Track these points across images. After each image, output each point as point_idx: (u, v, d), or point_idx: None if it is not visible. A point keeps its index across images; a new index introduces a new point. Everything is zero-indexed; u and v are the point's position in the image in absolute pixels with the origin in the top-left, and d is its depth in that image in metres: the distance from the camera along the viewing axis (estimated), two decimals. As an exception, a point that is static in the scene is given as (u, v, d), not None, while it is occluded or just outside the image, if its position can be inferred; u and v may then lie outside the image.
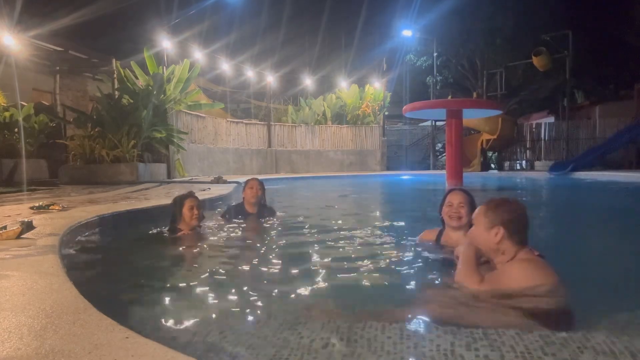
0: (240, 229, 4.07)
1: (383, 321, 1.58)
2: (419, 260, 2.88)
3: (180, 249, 3.42)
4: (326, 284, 2.47)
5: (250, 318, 1.88)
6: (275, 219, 4.46)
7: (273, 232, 3.97)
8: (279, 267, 2.81)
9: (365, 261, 2.90)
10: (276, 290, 2.33)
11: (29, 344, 1.20)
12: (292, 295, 2.21)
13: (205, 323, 1.84)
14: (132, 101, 11.12)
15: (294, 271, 2.71)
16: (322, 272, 2.67)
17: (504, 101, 19.32)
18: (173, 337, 1.66)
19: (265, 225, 4.22)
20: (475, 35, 19.82)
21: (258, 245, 3.53)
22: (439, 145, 22.28)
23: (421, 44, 21.42)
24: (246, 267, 2.80)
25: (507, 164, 19.67)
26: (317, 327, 1.52)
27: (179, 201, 3.67)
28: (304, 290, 2.30)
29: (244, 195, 4.32)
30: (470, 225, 2.93)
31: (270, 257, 3.11)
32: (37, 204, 4.33)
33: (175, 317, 1.91)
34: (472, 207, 2.93)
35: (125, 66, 11.79)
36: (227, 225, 4.14)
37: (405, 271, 2.71)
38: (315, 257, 3.03)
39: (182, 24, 14.50)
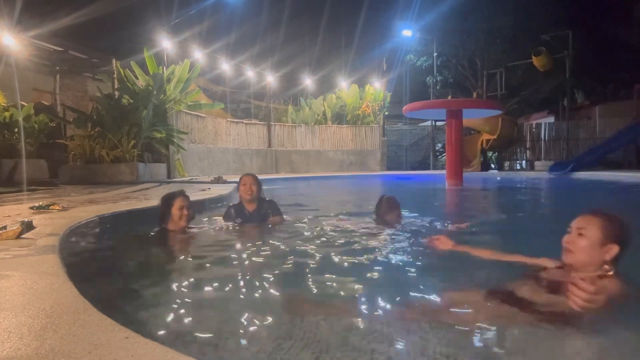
0: (237, 229, 4.05)
1: (386, 318, 1.57)
2: (416, 257, 2.88)
3: (180, 249, 3.41)
4: (323, 282, 2.47)
5: (249, 317, 1.88)
6: (272, 219, 4.37)
7: (269, 233, 3.96)
8: (276, 266, 2.81)
9: (363, 259, 2.90)
10: (275, 289, 2.33)
11: (29, 344, 1.20)
12: (292, 294, 2.21)
13: (205, 323, 1.84)
14: (132, 101, 11.11)
15: (293, 271, 2.71)
16: (321, 271, 2.67)
17: (504, 101, 19.32)
18: (173, 337, 1.66)
19: (262, 226, 4.18)
20: (475, 35, 19.81)
21: (255, 245, 3.52)
22: (439, 145, 22.28)
23: (421, 44, 21.42)
24: (243, 267, 2.80)
25: (507, 164, 19.68)
26: (315, 325, 1.52)
27: (168, 200, 3.47)
28: (303, 289, 2.29)
29: (239, 193, 4.18)
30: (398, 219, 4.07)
31: (268, 256, 3.11)
32: (37, 204, 4.32)
33: (175, 317, 1.91)
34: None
35: (125, 66, 11.79)
36: (224, 226, 4.11)
37: (404, 270, 2.71)
38: (312, 256, 3.03)
39: (182, 24, 14.53)
